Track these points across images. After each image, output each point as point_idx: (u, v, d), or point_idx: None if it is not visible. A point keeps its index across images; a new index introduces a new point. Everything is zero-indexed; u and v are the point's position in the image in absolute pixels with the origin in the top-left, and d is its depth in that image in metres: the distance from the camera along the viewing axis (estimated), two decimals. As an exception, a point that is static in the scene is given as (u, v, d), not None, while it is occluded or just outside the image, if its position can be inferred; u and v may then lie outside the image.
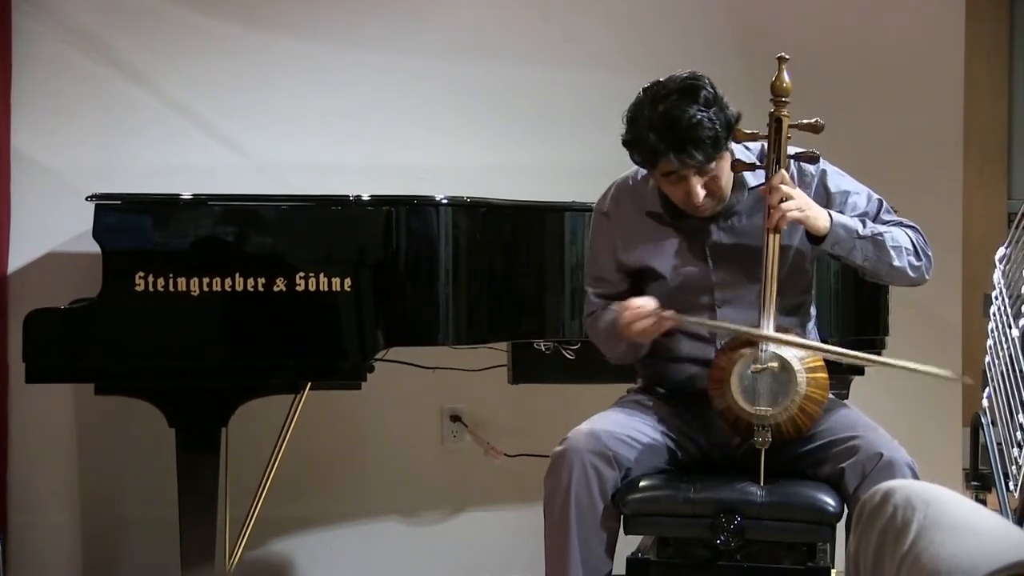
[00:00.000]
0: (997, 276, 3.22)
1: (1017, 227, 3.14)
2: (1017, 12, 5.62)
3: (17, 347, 3.24)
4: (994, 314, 3.17)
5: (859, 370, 3.51)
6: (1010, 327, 2.99)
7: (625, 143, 2.77)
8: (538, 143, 4.06)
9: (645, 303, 2.79)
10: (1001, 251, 3.26)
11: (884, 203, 2.91)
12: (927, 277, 2.88)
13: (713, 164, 2.74)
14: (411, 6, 4.06)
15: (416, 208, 3.26)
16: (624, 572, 2.77)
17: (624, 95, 2.79)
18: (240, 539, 3.45)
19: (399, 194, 3.31)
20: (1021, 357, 2.88)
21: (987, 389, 3.15)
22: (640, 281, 2.94)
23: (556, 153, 4.04)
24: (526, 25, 4.09)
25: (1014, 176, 5.55)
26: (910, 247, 2.83)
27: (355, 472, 4.08)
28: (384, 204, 3.25)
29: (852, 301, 3.52)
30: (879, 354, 3.49)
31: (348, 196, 3.26)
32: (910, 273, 2.83)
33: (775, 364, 2.70)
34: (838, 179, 2.91)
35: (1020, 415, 2.82)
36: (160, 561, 3.69)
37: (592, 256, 3.03)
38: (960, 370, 4.21)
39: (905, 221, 2.89)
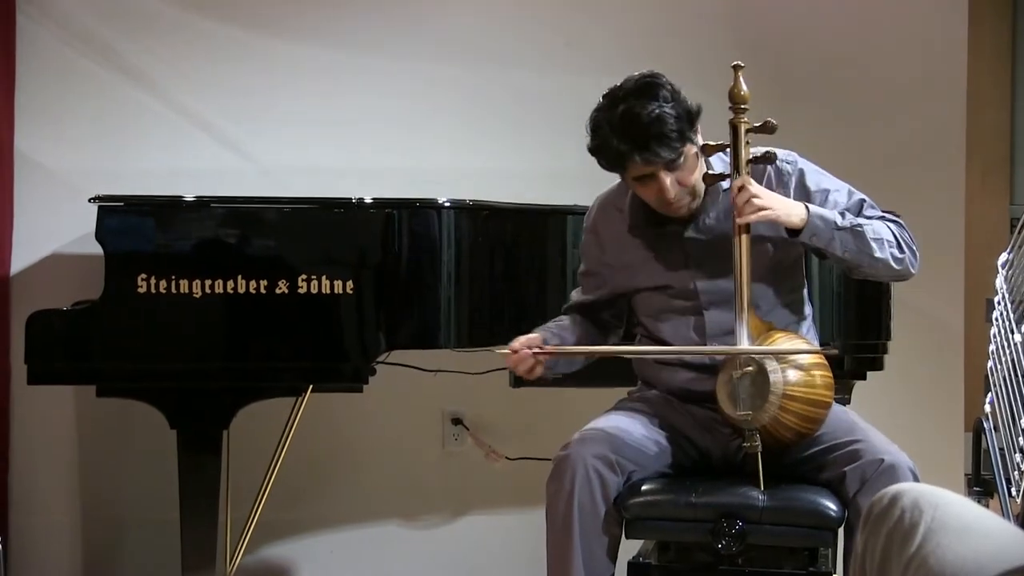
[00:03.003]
0: (999, 282, 3.22)
1: (1019, 233, 3.14)
2: (1020, 19, 5.61)
3: (19, 349, 3.24)
4: (996, 320, 3.16)
5: (861, 375, 3.50)
6: (1012, 332, 2.99)
7: (591, 151, 2.77)
8: (541, 147, 4.06)
9: (527, 341, 2.79)
10: (1003, 257, 3.26)
11: (866, 200, 2.86)
12: (912, 271, 2.82)
13: (681, 159, 2.72)
14: (415, 11, 4.07)
15: (418, 211, 3.26)
16: (625, 576, 2.77)
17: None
18: (240, 542, 3.45)
19: (401, 197, 3.31)
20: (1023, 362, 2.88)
21: (989, 395, 3.15)
22: (629, 294, 2.96)
23: (558, 157, 4.02)
24: (529, 30, 4.09)
25: (1016, 182, 5.54)
26: (892, 239, 2.77)
27: (356, 475, 4.08)
28: (386, 207, 3.25)
29: (853, 304, 3.50)
30: (880, 359, 3.50)
31: (350, 199, 3.25)
32: (893, 265, 2.78)
33: (751, 368, 2.68)
34: (817, 177, 2.87)
35: (1022, 421, 2.82)
36: (161, 563, 3.68)
37: (582, 262, 3.06)
38: (961, 376, 4.22)
39: (888, 215, 2.84)
